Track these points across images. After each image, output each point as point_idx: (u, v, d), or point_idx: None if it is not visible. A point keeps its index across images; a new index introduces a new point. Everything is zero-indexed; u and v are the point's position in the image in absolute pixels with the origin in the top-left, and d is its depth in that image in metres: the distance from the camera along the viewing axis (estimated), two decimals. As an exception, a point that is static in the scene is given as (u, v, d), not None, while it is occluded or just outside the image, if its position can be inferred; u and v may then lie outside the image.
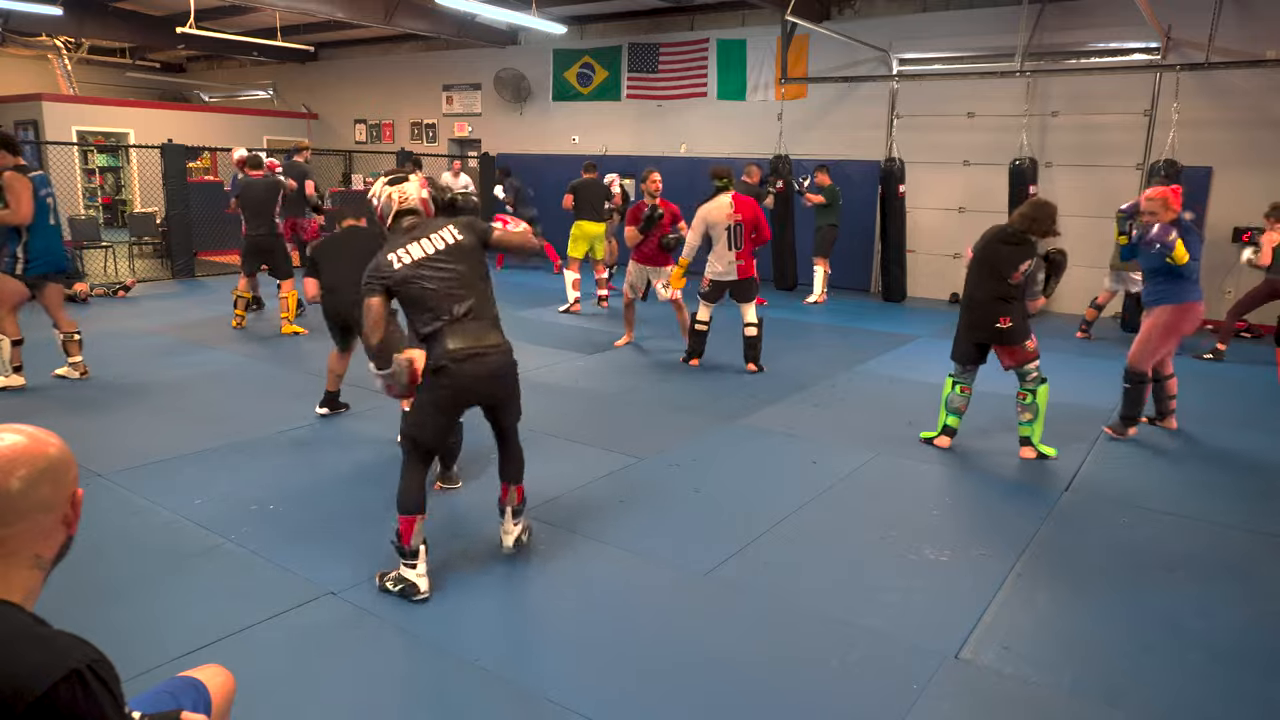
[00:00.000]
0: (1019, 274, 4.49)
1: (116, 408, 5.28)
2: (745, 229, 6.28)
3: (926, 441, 4.91)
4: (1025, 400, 4.66)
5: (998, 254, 4.55)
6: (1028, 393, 4.64)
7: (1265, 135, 8.52)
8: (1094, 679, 2.68)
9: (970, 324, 4.69)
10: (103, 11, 13.30)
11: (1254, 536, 3.81)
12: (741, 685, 2.62)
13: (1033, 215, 4.50)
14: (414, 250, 3.03)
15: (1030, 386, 4.63)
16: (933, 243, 10.49)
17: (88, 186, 15.10)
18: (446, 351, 2.99)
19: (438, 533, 3.63)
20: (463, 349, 3.00)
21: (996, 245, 4.59)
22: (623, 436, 4.89)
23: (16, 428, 1.21)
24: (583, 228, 8.88)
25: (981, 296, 4.60)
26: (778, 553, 3.51)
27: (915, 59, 10.44)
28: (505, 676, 2.61)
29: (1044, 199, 4.70)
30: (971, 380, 4.80)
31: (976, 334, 4.67)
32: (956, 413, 4.83)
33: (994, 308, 4.55)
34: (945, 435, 4.88)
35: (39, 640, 1.11)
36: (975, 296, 4.65)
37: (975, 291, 4.65)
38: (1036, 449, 4.70)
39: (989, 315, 4.57)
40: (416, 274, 3.00)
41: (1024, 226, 4.51)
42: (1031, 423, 4.68)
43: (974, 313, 4.66)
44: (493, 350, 3.07)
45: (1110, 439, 5.09)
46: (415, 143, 15.36)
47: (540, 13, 10.76)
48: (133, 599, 3.02)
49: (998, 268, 4.53)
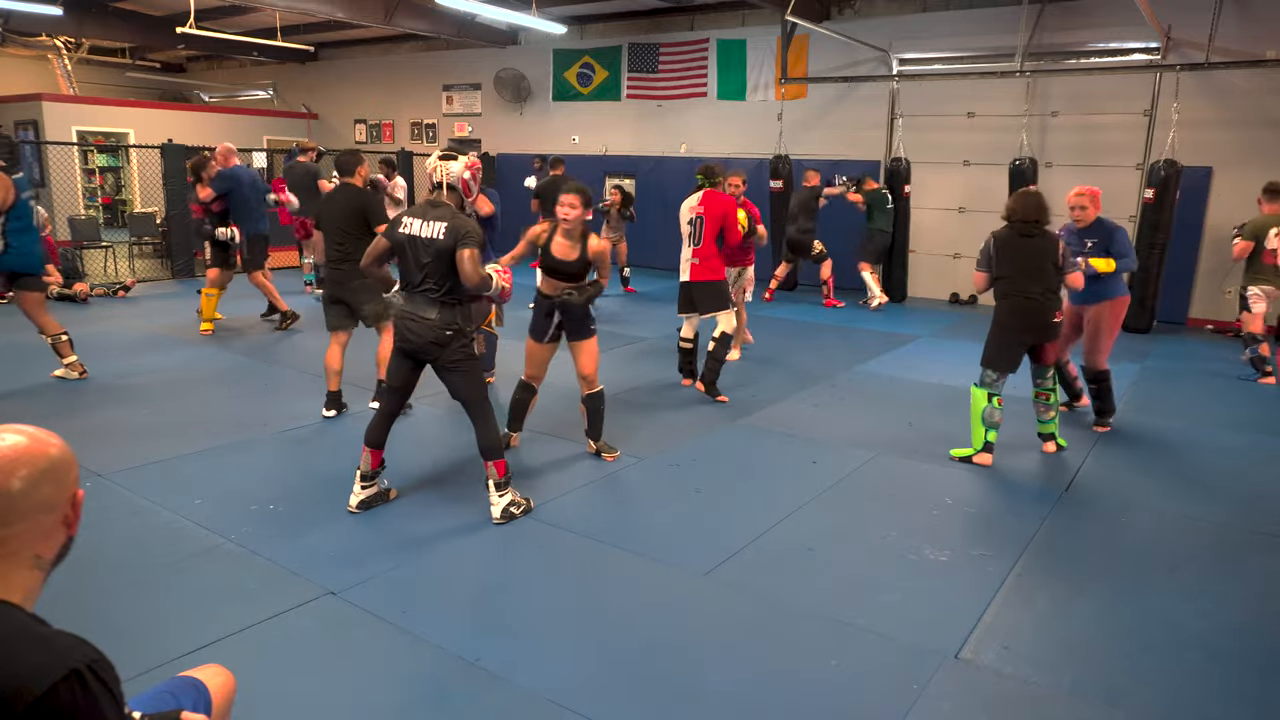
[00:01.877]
0: (1062, 256, 4.49)
1: (116, 408, 5.28)
2: (708, 225, 5.71)
3: (963, 460, 4.65)
4: (1048, 400, 4.72)
5: (1036, 252, 4.47)
6: (1049, 391, 4.69)
7: (1265, 135, 8.52)
8: (1094, 679, 2.68)
9: (1025, 327, 4.52)
10: (103, 11, 13.29)
11: (1254, 536, 3.81)
12: (742, 685, 2.62)
13: (1034, 205, 4.49)
14: (415, 225, 3.65)
15: (1050, 386, 4.68)
16: (933, 243, 10.49)
17: (88, 186, 15.09)
18: (399, 308, 3.72)
19: (440, 531, 3.63)
20: (406, 311, 3.68)
21: (1025, 244, 4.48)
22: (623, 436, 4.90)
23: (18, 428, 1.21)
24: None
25: (1033, 297, 4.46)
26: (778, 553, 3.51)
27: (915, 59, 10.44)
28: (505, 676, 2.61)
29: (1025, 189, 4.72)
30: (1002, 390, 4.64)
31: (1033, 335, 4.54)
32: (995, 427, 4.59)
33: (1049, 303, 4.49)
34: (986, 452, 4.62)
35: (39, 640, 1.11)
36: (1026, 298, 4.48)
37: (1023, 295, 4.48)
38: (1058, 443, 4.81)
39: (1046, 313, 4.48)
40: (406, 243, 3.67)
41: (1035, 217, 4.47)
42: (1054, 420, 4.76)
43: (1029, 316, 4.49)
44: (424, 321, 3.63)
45: (1102, 435, 5.22)
46: (415, 142, 15.37)
47: (540, 13, 10.75)
48: (133, 599, 3.02)
49: (1043, 264, 4.46)
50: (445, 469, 4.46)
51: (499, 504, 3.72)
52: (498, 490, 3.72)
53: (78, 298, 8.71)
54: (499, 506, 3.72)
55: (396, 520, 3.75)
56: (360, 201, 4.94)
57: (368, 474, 3.82)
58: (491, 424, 3.74)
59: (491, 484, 3.73)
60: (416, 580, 3.22)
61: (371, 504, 3.84)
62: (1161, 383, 6.66)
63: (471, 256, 3.53)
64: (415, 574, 3.27)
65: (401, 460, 4.55)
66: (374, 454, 3.81)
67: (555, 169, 9.45)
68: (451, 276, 3.61)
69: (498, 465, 3.72)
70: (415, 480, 4.26)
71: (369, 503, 3.83)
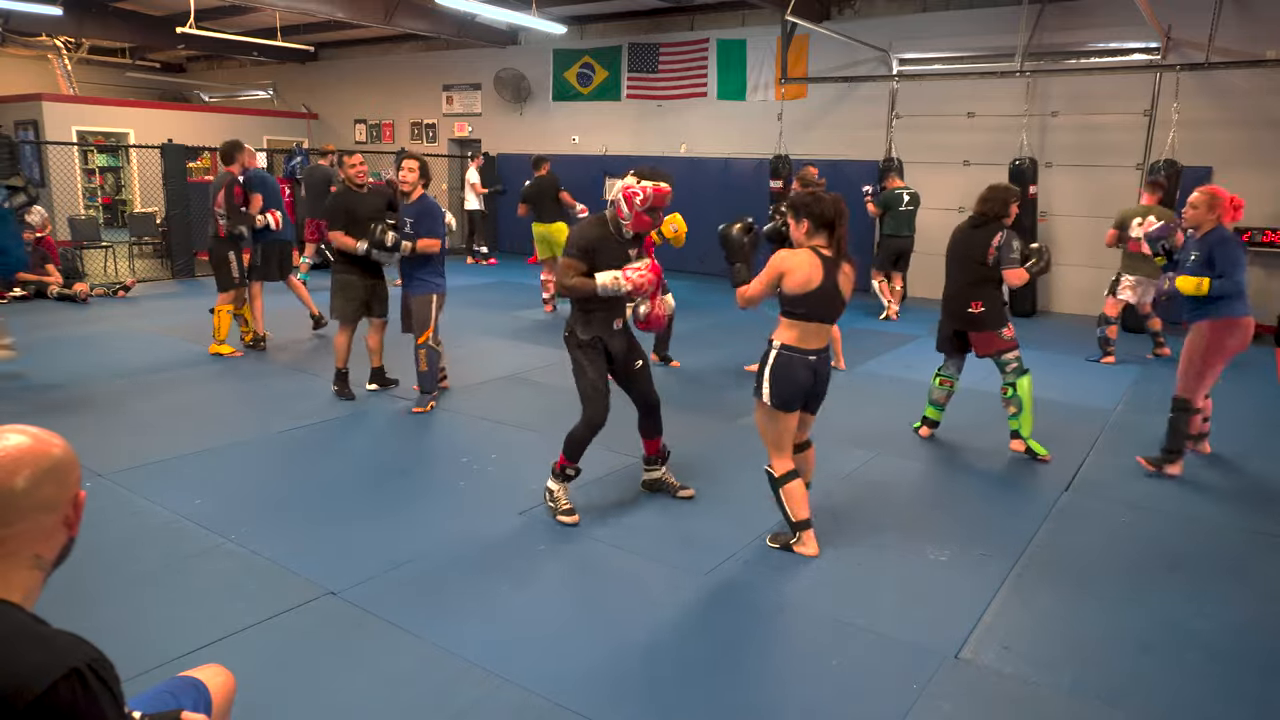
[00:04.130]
0: (992, 251, 4.51)
1: (116, 408, 5.28)
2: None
3: (915, 430, 5.12)
4: (1007, 394, 4.68)
5: (964, 241, 4.68)
6: (1008, 386, 4.66)
7: (1265, 135, 8.51)
8: (1094, 679, 2.68)
9: (947, 312, 4.79)
10: (103, 11, 13.29)
11: (1254, 536, 3.81)
12: (742, 685, 2.62)
13: (987, 197, 4.58)
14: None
15: (1010, 379, 4.64)
16: (933, 243, 10.42)
17: (88, 186, 15.09)
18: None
19: (440, 531, 3.63)
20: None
21: (963, 233, 4.71)
22: (623, 436, 4.89)
23: (20, 428, 1.21)
24: (538, 230, 8.75)
25: (954, 285, 4.71)
26: (777, 552, 3.51)
27: (915, 59, 10.44)
28: (505, 676, 2.61)
29: (1000, 183, 4.75)
30: (953, 373, 4.93)
31: (953, 321, 4.76)
32: (936, 404, 5.00)
33: (965, 293, 4.64)
34: (926, 425, 5.08)
35: (39, 639, 1.11)
36: (949, 287, 4.76)
37: (949, 283, 4.77)
38: (1026, 443, 4.69)
39: (962, 301, 4.65)
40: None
41: (981, 209, 4.60)
42: (1018, 415, 4.68)
43: (949, 302, 4.76)
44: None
45: (1148, 473, 4.52)
46: (415, 142, 15.37)
47: (540, 13, 10.75)
48: (133, 599, 3.02)
49: (968, 254, 4.63)
50: (445, 469, 4.46)
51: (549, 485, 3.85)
52: (552, 477, 3.83)
53: (78, 298, 8.71)
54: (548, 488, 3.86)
55: (396, 520, 3.75)
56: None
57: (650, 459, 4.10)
58: (577, 422, 3.79)
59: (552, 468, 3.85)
60: (416, 580, 3.22)
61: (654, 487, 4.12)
62: (1162, 382, 6.65)
63: (562, 263, 3.71)
64: (415, 574, 3.26)
65: (402, 460, 4.55)
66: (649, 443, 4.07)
67: (539, 169, 8.90)
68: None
69: (560, 458, 3.81)
70: (415, 480, 4.26)
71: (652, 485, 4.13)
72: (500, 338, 7.52)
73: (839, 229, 3.31)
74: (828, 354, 3.43)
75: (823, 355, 3.39)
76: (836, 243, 3.32)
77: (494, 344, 7.32)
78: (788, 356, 3.33)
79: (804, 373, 3.33)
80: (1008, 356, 4.64)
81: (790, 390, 3.33)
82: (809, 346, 3.34)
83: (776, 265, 3.29)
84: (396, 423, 5.17)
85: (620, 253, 3.70)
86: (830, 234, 3.30)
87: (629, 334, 3.89)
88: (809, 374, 3.35)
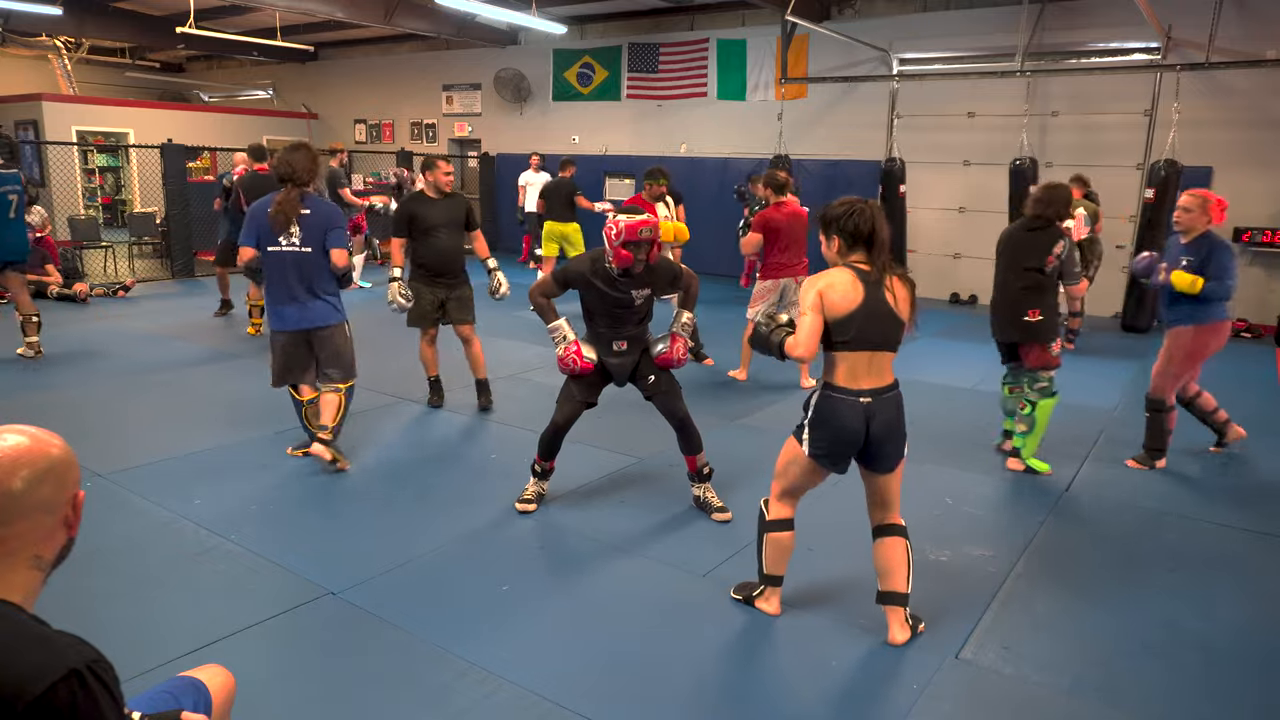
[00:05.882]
0: (1052, 259, 4.23)
1: (116, 408, 5.28)
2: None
3: (997, 448, 4.85)
4: (1024, 411, 4.43)
5: (1020, 245, 4.36)
6: (1029, 404, 4.40)
7: (1265, 135, 8.52)
8: (1094, 679, 2.68)
9: (997, 323, 4.48)
10: (103, 11, 13.29)
11: (1254, 536, 3.81)
12: (741, 685, 2.62)
13: (1047, 199, 4.31)
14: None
15: (1033, 397, 4.39)
16: (933, 243, 10.48)
17: (88, 186, 15.08)
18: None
19: (439, 532, 3.63)
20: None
21: (1017, 236, 4.41)
22: (623, 436, 4.89)
23: (19, 428, 1.21)
24: (550, 227, 8.96)
25: (1009, 291, 4.37)
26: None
27: (915, 59, 10.44)
28: (505, 676, 2.61)
29: (1055, 181, 4.56)
30: (1018, 379, 4.54)
31: (1006, 333, 4.45)
32: (1008, 414, 4.71)
33: (1021, 300, 4.31)
34: (1008, 439, 4.74)
35: (38, 640, 1.11)
36: (1001, 293, 4.43)
37: (1000, 289, 4.44)
38: (1025, 463, 4.48)
39: (1017, 309, 4.32)
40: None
41: (1039, 211, 4.31)
42: (1025, 435, 4.45)
43: (1000, 310, 4.44)
44: None
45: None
46: (415, 142, 15.37)
47: (540, 13, 10.75)
48: (133, 599, 3.02)
49: (1023, 260, 4.31)
50: (445, 469, 4.46)
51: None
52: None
53: (77, 298, 8.71)
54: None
55: (396, 520, 3.75)
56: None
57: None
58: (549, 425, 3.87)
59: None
60: (416, 580, 3.22)
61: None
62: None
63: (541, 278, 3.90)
64: (415, 574, 3.26)
65: (402, 460, 4.55)
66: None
67: (564, 170, 9.35)
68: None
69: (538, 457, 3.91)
70: (415, 480, 4.26)
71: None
72: (500, 337, 7.51)
73: (877, 239, 2.69)
74: (894, 395, 2.78)
75: (885, 396, 2.73)
76: (879, 257, 2.71)
77: (494, 344, 7.32)
78: (830, 398, 2.72)
79: (852, 419, 2.68)
80: (1044, 375, 4.40)
81: (833, 440, 2.72)
82: (859, 386, 2.69)
83: (810, 286, 2.70)
84: (397, 423, 5.17)
85: (601, 295, 3.65)
86: (869, 250, 2.70)
87: (639, 355, 3.83)
88: (858, 421, 2.68)
